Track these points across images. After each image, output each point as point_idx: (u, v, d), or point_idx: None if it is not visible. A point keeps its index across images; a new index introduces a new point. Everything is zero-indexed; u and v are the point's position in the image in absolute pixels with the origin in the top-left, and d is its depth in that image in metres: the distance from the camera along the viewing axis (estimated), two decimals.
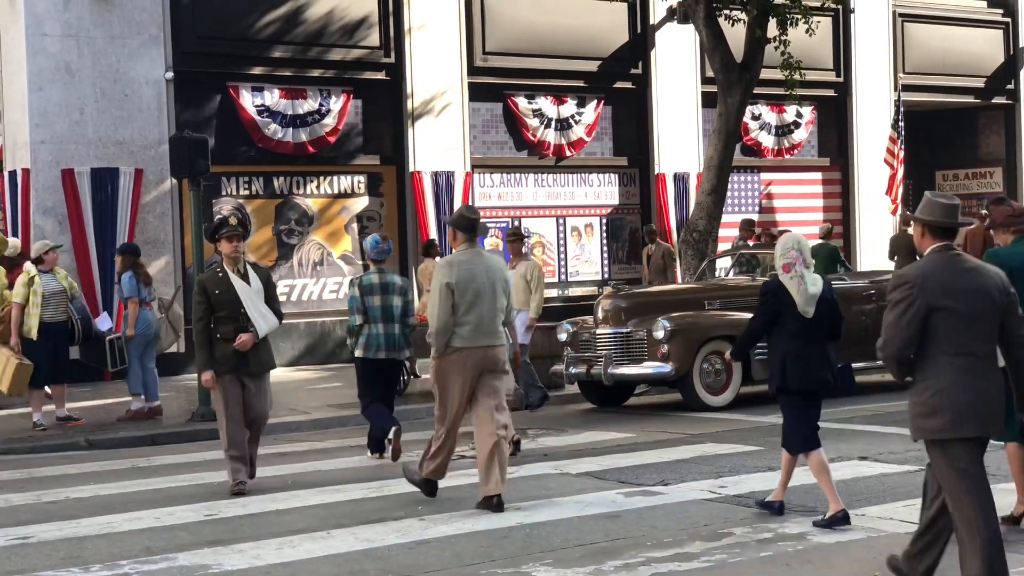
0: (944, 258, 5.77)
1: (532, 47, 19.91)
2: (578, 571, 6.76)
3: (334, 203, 18.88)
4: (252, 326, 9.40)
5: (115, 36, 16.99)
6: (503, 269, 8.85)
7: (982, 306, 5.70)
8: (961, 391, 5.63)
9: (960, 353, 5.66)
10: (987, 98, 24.82)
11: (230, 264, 9.49)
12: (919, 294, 5.67)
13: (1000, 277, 5.84)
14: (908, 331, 5.65)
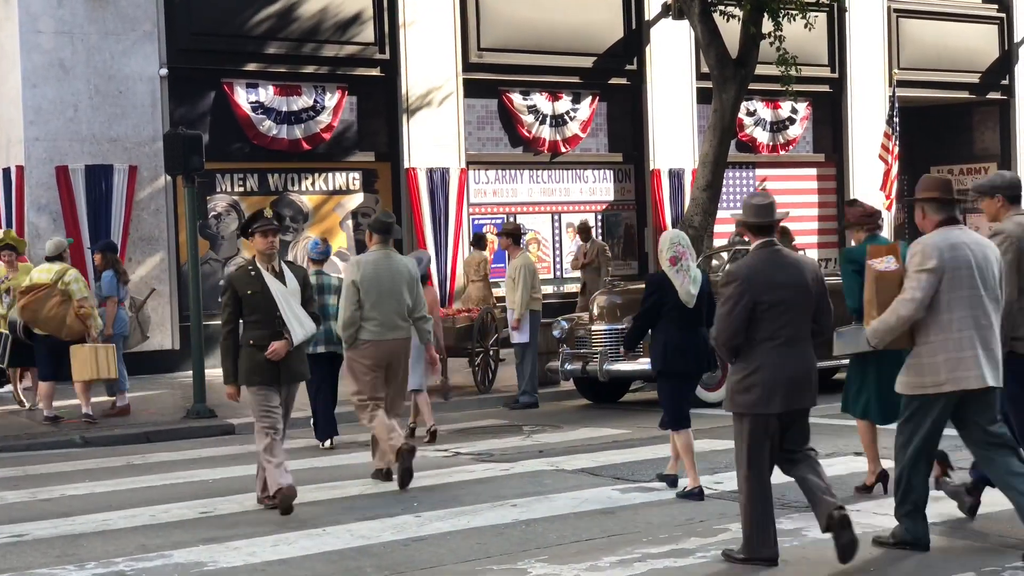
0: (766, 254, 6.68)
1: (527, 43, 19.89)
2: (574, 567, 6.76)
3: (329, 200, 18.86)
4: (287, 332, 8.37)
5: (109, 33, 16.96)
6: (411, 271, 9.55)
7: (799, 297, 6.63)
8: (773, 372, 6.57)
9: (776, 338, 6.59)
10: (982, 94, 24.83)
11: (264, 261, 8.46)
12: (747, 290, 6.57)
13: (815, 270, 6.85)
14: (736, 322, 6.58)
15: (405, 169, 18.95)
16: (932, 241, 6.76)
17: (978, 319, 6.69)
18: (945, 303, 6.67)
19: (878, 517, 7.73)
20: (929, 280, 6.66)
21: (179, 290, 17.14)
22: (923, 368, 6.74)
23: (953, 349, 6.65)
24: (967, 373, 6.65)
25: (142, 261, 17.09)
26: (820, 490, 6.71)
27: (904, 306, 6.69)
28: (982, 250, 6.80)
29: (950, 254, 6.69)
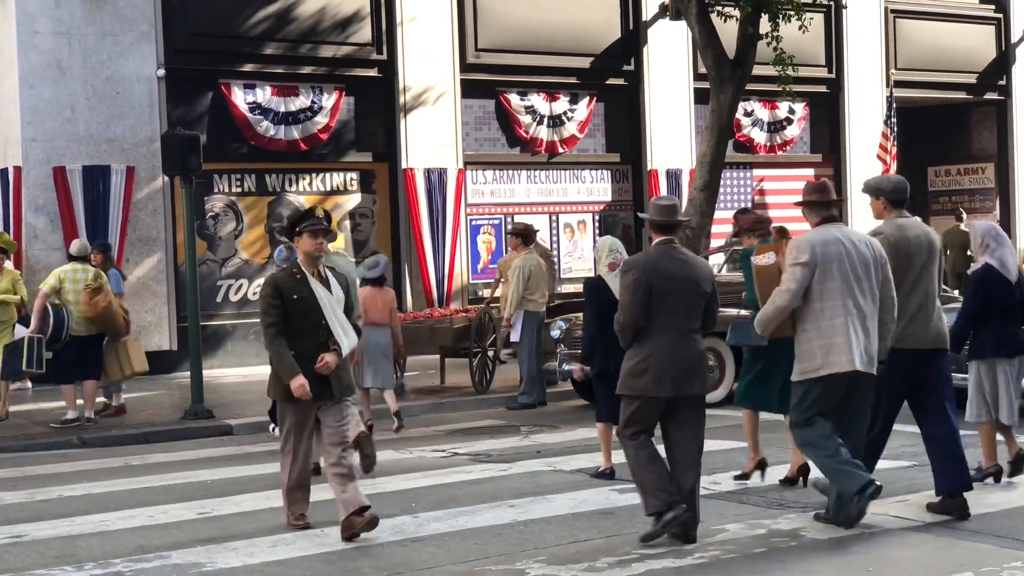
0: (665, 250, 7.37)
1: (524, 43, 19.89)
2: (572, 568, 6.76)
3: (327, 200, 18.82)
4: (335, 343, 7.69)
5: (106, 33, 16.95)
6: (350, 274, 9.89)
7: (690, 291, 7.26)
8: (664, 359, 7.19)
9: (668, 328, 7.23)
10: (979, 94, 24.84)
11: (309, 265, 7.71)
12: (645, 276, 7.23)
13: (709, 270, 7.58)
14: (639, 307, 7.21)
15: (403, 169, 18.95)
16: (806, 238, 7.49)
17: (849, 308, 7.28)
18: (818, 294, 7.30)
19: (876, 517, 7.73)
20: (802, 273, 7.31)
21: (177, 291, 17.13)
22: (803, 355, 7.39)
23: (826, 336, 7.27)
24: (839, 357, 7.23)
25: (140, 262, 17.08)
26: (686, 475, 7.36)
27: (780, 297, 7.40)
28: (855, 246, 7.41)
29: (822, 249, 7.33)
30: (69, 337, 12.65)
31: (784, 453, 10.21)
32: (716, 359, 13.78)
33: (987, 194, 25.27)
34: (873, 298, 7.40)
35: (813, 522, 7.65)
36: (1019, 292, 8.58)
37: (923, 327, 7.81)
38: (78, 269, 12.92)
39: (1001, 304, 8.51)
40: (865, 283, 7.37)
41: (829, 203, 7.64)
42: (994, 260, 8.56)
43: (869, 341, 7.34)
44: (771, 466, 9.23)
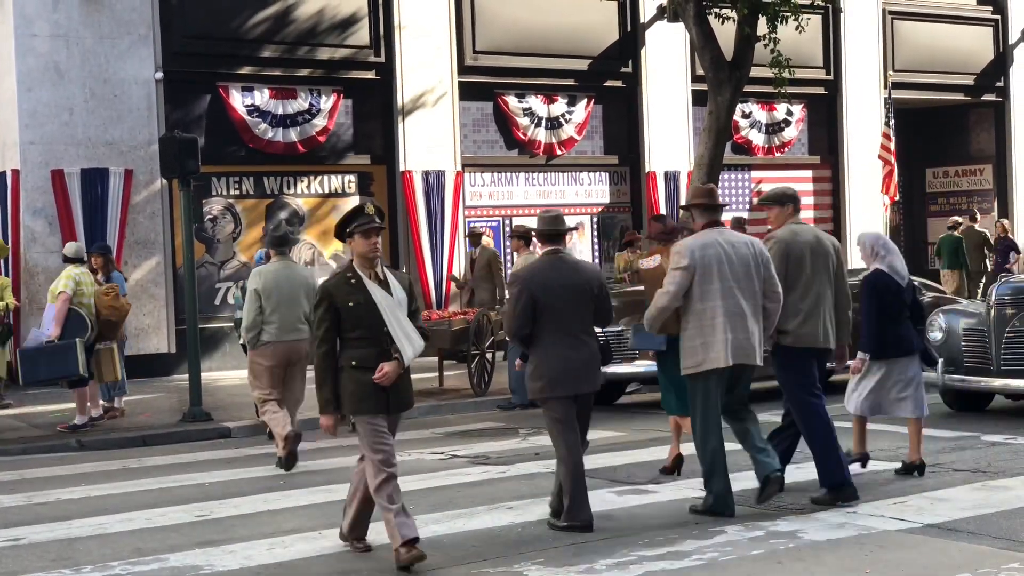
0: (549, 260, 7.82)
1: (522, 46, 19.90)
2: (570, 570, 6.76)
3: (325, 203, 18.86)
4: (397, 351, 7.02)
5: (104, 36, 16.96)
6: (308, 280, 10.55)
7: (577, 297, 7.70)
8: (556, 362, 7.66)
9: (558, 332, 7.67)
10: (977, 95, 24.86)
11: (365, 267, 7.03)
12: (526, 288, 7.69)
13: (596, 274, 8.02)
14: (520, 317, 7.69)
15: (401, 172, 18.96)
16: (688, 243, 7.96)
17: (728, 308, 7.81)
18: (698, 295, 7.84)
19: (873, 519, 7.74)
20: (682, 276, 7.85)
21: (175, 293, 17.13)
22: (687, 352, 7.95)
23: (707, 334, 7.82)
24: (716, 354, 7.81)
25: (138, 265, 17.09)
26: None
27: (661, 298, 7.96)
28: (735, 248, 7.92)
29: (701, 253, 7.84)
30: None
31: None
32: None
33: (985, 195, 25.30)
34: (754, 296, 7.92)
35: (810, 524, 7.66)
36: (908, 295, 9.20)
37: (814, 327, 8.33)
38: (83, 272, 12.91)
39: (893, 307, 9.11)
40: (745, 283, 7.88)
41: (716, 207, 8.14)
42: (885, 266, 9.20)
43: (747, 336, 7.88)
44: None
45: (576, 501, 7.63)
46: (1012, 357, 11.70)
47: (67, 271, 12.77)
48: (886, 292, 9.11)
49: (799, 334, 8.26)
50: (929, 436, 10.95)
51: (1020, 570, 6.45)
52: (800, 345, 8.28)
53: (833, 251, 8.56)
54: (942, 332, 12.36)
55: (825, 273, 8.43)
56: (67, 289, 12.49)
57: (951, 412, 12.39)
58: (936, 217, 25.76)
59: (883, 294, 9.11)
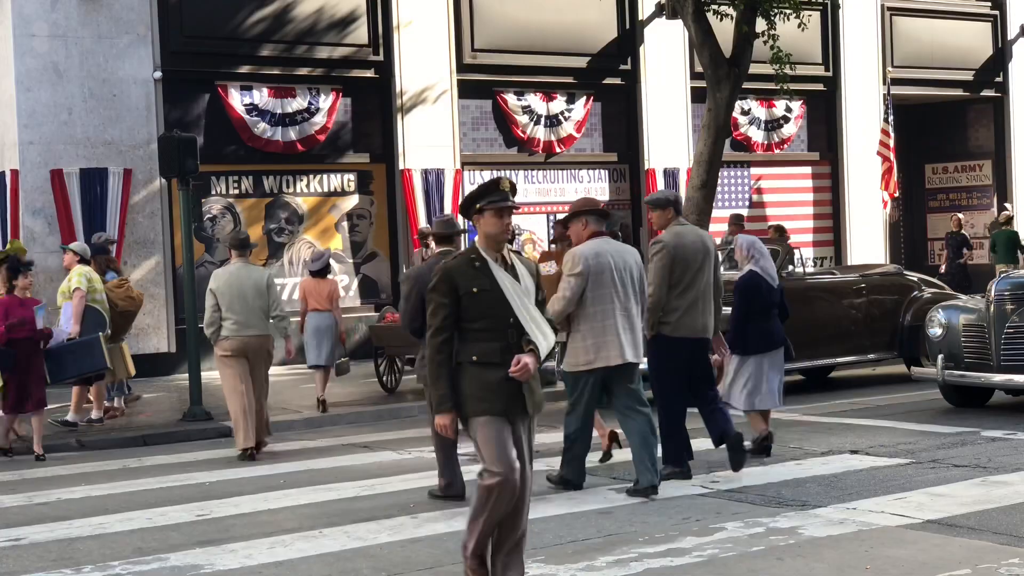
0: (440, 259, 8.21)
1: (521, 44, 19.89)
2: (571, 567, 6.77)
3: (324, 201, 18.86)
4: (530, 342, 6.03)
5: (103, 36, 16.95)
6: (263, 279, 11.12)
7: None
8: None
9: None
10: (976, 91, 24.85)
11: (493, 250, 6.10)
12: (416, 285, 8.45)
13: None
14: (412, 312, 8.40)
15: (400, 170, 18.96)
16: (581, 251, 8.63)
17: (618, 310, 8.55)
18: (591, 299, 8.52)
19: (873, 515, 7.74)
20: (577, 282, 8.52)
21: (175, 293, 17.14)
22: (577, 351, 8.64)
23: (599, 334, 8.53)
24: (610, 352, 8.53)
25: (137, 264, 17.09)
26: None
27: (557, 302, 8.52)
28: (621, 256, 8.68)
29: (594, 260, 8.52)
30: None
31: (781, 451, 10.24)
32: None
33: (984, 191, 25.29)
34: (636, 298, 8.71)
35: (811, 520, 7.67)
36: (778, 295, 10.07)
37: (693, 319, 9.12)
38: (90, 270, 13.01)
39: (764, 305, 9.96)
40: (629, 287, 8.65)
41: (603, 215, 8.90)
42: (758, 268, 10.00)
43: (634, 336, 8.67)
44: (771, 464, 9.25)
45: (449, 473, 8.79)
46: (1012, 353, 11.70)
47: (77, 269, 12.88)
48: (758, 292, 9.93)
49: (677, 325, 9.07)
50: (929, 432, 10.98)
51: (1021, 565, 6.45)
52: (677, 335, 9.07)
53: (712, 250, 9.33)
54: (942, 328, 12.36)
55: (705, 271, 9.17)
56: (81, 286, 12.68)
57: (951, 408, 12.39)
58: (935, 213, 25.76)
59: (756, 293, 9.92)
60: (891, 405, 13.04)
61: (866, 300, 15.08)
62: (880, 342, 15.04)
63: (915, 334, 14.51)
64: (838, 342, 14.82)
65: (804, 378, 15.53)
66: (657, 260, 9.09)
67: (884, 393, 14.07)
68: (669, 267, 9.04)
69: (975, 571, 6.39)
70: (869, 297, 15.12)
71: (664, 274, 9.05)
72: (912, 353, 14.70)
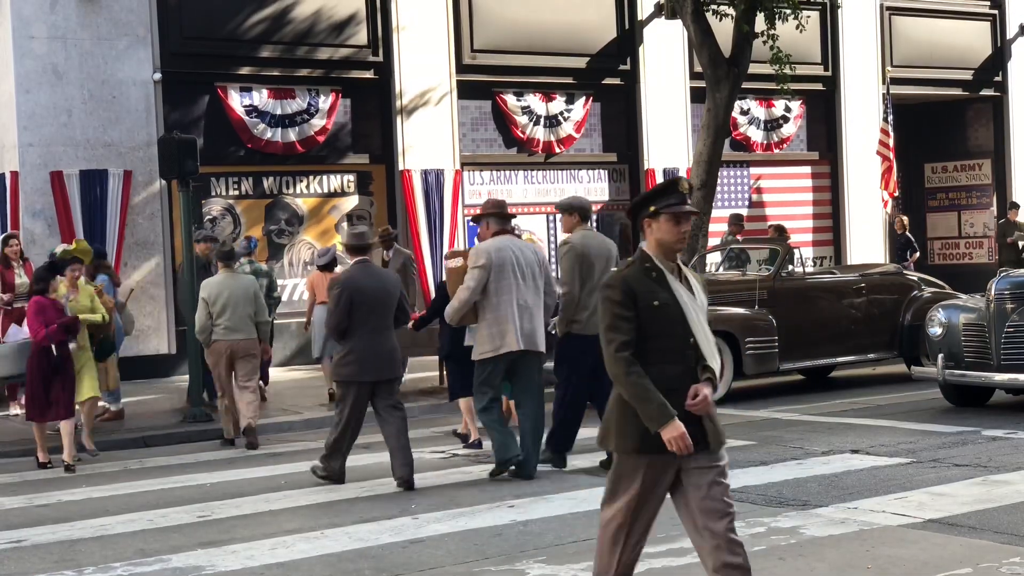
0: (360, 268, 9.53)
1: (520, 44, 19.89)
2: (572, 568, 6.77)
3: (324, 202, 18.86)
4: (708, 370, 5.16)
5: (102, 37, 16.95)
6: (252, 286, 11.95)
7: (382, 298, 9.38)
8: (364, 352, 9.26)
9: (366, 327, 9.25)
10: (975, 90, 24.85)
11: (667, 259, 5.27)
12: (345, 290, 9.31)
13: (395, 280, 9.72)
14: (341, 314, 9.28)
15: (400, 171, 18.96)
16: (484, 246, 9.41)
17: (517, 301, 9.27)
18: (493, 291, 9.24)
19: (874, 515, 7.75)
20: (480, 274, 9.25)
21: (175, 295, 17.13)
22: (481, 339, 9.36)
23: (500, 324, 9.24)
24: (508, 340, 9.23)
25: (137, 266, 17.09)
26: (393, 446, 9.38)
27: (463, 293, 9.33)
28: (523, 252, 9.43)
29: (496, 255, 9.26)
30: None
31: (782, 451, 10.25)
32: None
33: (984, 190, 25.29)
34: (537, 293, 9.43)
35: (812, 520, 7.67)
36: None
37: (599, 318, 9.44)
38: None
39: None
40: (530, 281, 9.36)
41: (506, 216, 9.70)
42: None
43: (533, 327, 9.36)
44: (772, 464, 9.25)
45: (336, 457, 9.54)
46: (1012, 352, 11.71)
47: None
48: None
49: (586, 323, 9.52)
50: (930, 431, 10.98)
51: (1021, 564, 6.46)
52: (586, 333, 9.47)
53: (615, 255, 9.89)
54: (942, 327, 12.37)
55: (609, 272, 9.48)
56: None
57: (951, 407, 12.40)
58: (935, 212, 25.77)
59: None
60: (891, 405, 13.04)
61: (866, 300, 15.08)
62: (880, 342, 15.05)
63: (915, 333, 14.52)
64: (838, 342, 14.83)
65: (804, 378, 15.54)
66: (566, 260, 9.71)
67: (884, 393, 14.07)
68: (578, 266, 9.65)
69: (976, 570, 6.39)
70: (869, 297, 15.13)
71: (575, 272, 9.65)
72: (912, 352, 14.70)
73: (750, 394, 14.46)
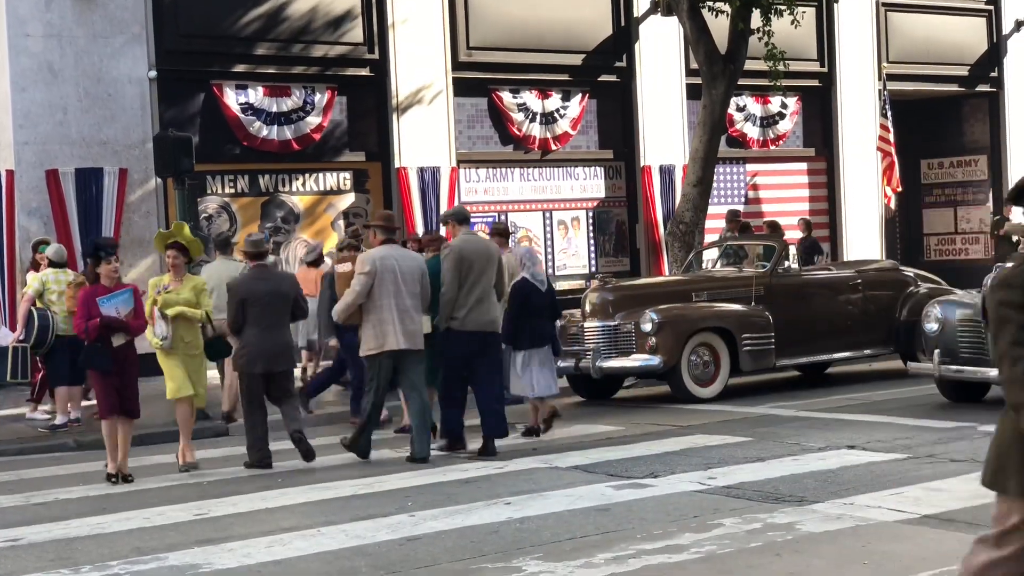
0: (257, 271, 10.69)
1: (516, 41, 19.88)
2: (568, 564, 6.77)
3: (320, 200, 18.85)
4: None
5: (98, 35, 16.93)
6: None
7: (275, 299, 10.48)
8: (257, 347, 10.33)
9: (259, 325, 10.34)
10: (971, 86, 24.86)
11: None
12: (238, 292, 10.49)
13: (291, 281, 11.06)
14: (234, 314, 10.39)
15: (396, 169, 18.95)
16: (370, 254, 10.51)
17: (397, 304, 10.23)
18: (377, 294, 10.22)
19: (871, 510, 7.76)
20: (365, 279, 10.25)
21: None
22: (367, 337, 10.29)
23: (382, 324, 10.21)
24: (389, 339, 10.21)
25: (134, 264, 17.06)
26: (288, 419, 10.47)
27: (348, 295, 10.41)
28: (404, 261, 10.48)
29: (380, 263, 10.28)
30: (55, 339, 12.64)
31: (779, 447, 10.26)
32: (711, 355, 13.81)
33: (980, 186, 25.30)
34: (414, 296, 10.35)
35: (808, 516, 7.68)
36: (548, 297, 11.45)
37: (479, 315, 10.56)
38: (59, 272, 12.92)
39: (534, 306, 11.31)
40: (410, 286, 10.30)
41: (392, 229, 10.80)
42: (528, 275, 11.34)
43: (413, 328, 10.29)
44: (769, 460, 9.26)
45: (256, 445, 10.39)
46: None
47: (39, 273, 12.91)
48: (531, 294, 11.26)
49: (465, 320, 10.52)
50: (926, 427, 10.99)
51: None
52: (465, 329, 10.52)
53: (496, 257, 10.83)
54: (938, 323, 12.37)
55: (487, 273, 10.63)
56: (29, 290, 12.80)
57: (948, 403, 12.41)
58: (931, 208, 25.78)
59: (528, 296, 11.25)
60: (888, 400, 13.05)
61: (862, 296, 15.10)
62: (876, 338, 15.06)
63: (911, 329, 14.53)
64: (834, 338, 14.84)
65: (801, 374, 15.55)
66: (447, 262, 10.59)
67: (881, 389, 14.08)
68: (458, 267, 10.52)
69: None
70: (865, 293, 15.14)
71: (455, 273, 10.52)
72: (908, 348, 14.70)
73: (746, 390, 14.47)
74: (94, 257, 10.49)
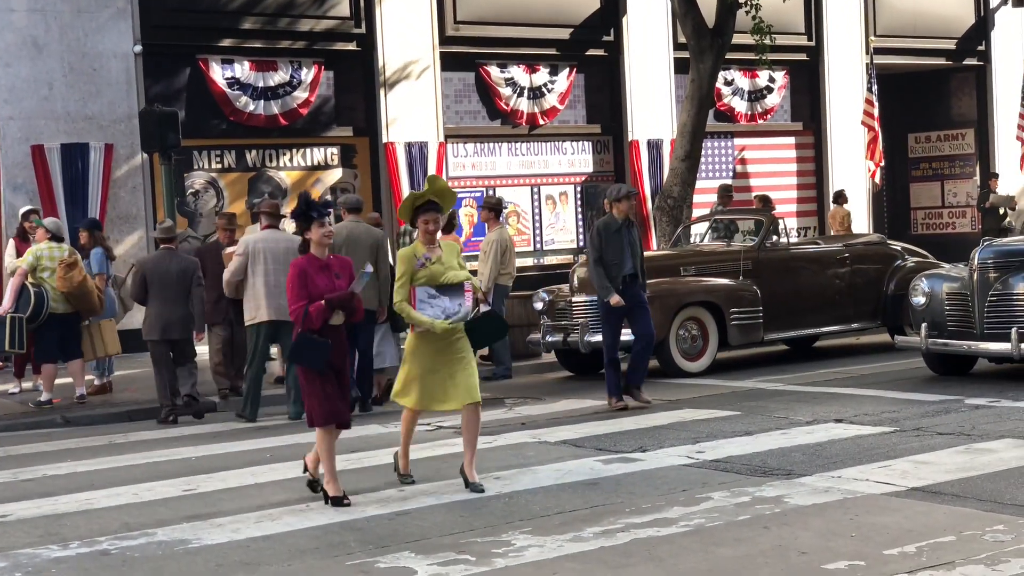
0: (164, 252, 12.19)
1: (504, 15, 19.81)
2: (557, 539, 6.78)
3: (308, 175, 18.79)
4: None
5: (82, 10, 16.82)
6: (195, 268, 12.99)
7: (176, 276, 11.99)
8: (157, 317, 11.91)
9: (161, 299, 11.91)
10: (958, 60, 24.86)
11: None
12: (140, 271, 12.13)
13: (192, 264, 12.22)
14: (136, 289, 12.13)
15: (383, 143, 18.90)
16: (246, 238, 12.12)
17: (268, 282, 11.64)
18: (251, 273, 11.74)
19: (858, 483, 7.78)
20: (239, 260, 11.81)
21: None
22: (249, 309, 11.76)
23: (256, 299, 11.69)
24: (261, 312, 11.68)
25: (120, 240, 17.02)
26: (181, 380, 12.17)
27: (226, 273, 11.97)
28: (278, 244, 11.78)
29: (253, 245, 11.80)
30: (48, 315, 12.61)
31: (767, 420, 10.29)
32: (699, 329, 13.83)
33: (967, 160, 25.33)
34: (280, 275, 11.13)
35: (796, 489, 7.70)
36: None
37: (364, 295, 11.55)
38: (53, 247, 12.86)
39: None
40: (283, 267, 10.90)
41: (277, 216, 12.20)
42: None
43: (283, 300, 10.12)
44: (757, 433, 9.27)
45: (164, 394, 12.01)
46: (995, 321, 11.75)
47: (36, 246, 12.84)
48: None
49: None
50: (913, 400, 11.03)
51: (1004, 532, 6.49)
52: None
53: (379, 241, 12.11)
54: (925, 296, 12.40)
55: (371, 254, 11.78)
56: (23, 263, 12.72)
57: (935, 376, 12.45)
58: (919, 182, 25.81)
59: None
60: (875, 374, 13.09)
61: (850, 270, 15.12)
62: (864, 311, 15.10)
63: (898, 303, 14.57)
64: (822, 312, 14.87)
65: (789, 348, 15.58)
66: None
67: (868, 362, 14.12)
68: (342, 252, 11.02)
69: (960, 538, 6.42)
70: (852, 267, 15.17)
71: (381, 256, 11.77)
72: (896, 322, 14.75)
73: (735, 364, 14.50)
74: (304, 217, 7.90)
